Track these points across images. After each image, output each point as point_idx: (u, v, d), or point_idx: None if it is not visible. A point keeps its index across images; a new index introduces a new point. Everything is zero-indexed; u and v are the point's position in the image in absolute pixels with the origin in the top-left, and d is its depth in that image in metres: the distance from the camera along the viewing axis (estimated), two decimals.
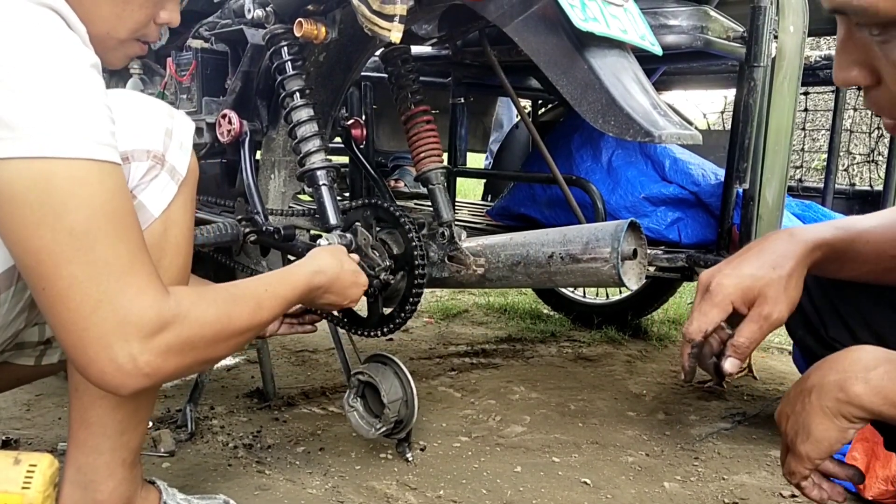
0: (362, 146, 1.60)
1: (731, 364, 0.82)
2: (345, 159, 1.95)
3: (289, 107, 1.28)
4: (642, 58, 1.15)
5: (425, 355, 2.20)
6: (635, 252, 1.13)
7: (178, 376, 0.85)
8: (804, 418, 0.72)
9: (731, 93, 2.63)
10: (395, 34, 1.07)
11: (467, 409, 1.76)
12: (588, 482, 1.38)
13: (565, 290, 2.70)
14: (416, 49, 1.63)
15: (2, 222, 0.71)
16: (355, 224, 1.32)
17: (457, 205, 2.21)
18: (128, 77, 1.60)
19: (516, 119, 2.67)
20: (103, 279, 0.71)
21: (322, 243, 1.25)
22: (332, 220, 1.29)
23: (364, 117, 1.79)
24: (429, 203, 1.41)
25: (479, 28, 1.43)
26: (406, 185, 2.53)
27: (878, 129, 2.84)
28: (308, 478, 1.36)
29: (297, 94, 1.28)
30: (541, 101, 2.28)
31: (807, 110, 2.43)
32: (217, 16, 1.42)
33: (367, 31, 1.10)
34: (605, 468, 1.45)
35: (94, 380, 0.74)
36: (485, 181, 2.67)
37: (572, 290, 2.71)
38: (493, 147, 2.81)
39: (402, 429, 1.40)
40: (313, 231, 1.46)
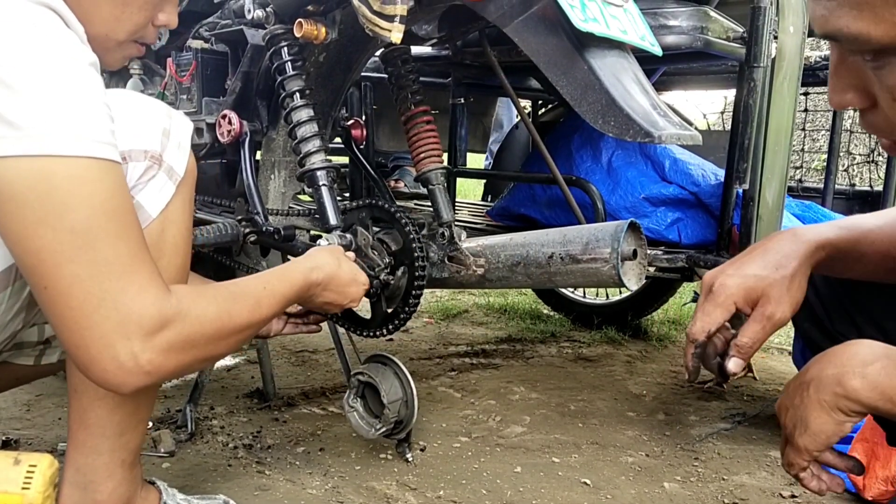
0: (362, 146, 1.60)
1: (734, 364, 0.84)
2: (345, 159, 1.95)
3: (289, 107, 1.28)
4: (642, 58, 1.15)
5: (425, 356, 2.20)
6: (635, 252, 1.13)
7: (179, 374, 0.85)
8: (802, 411, 0.72)
9: (731, 93, 2.63)
10: (396, 35, 1.07)
11: (467, 409, 1.76)
12: (588, 482, 1.38)
13: (565, 291, 2.70)
14: (416, 49, 1.63)
15: (2, 221, 0.71)
16: (354, 225, 1.33)
17: (457, 205, 2.21)
18: (128, 77, 1.60)
19: (516, 119, 2.67)
20: (104, 278, 0.72)
21: (322, 243, 1.25)
22: (332, 220, 1.30)
23: (364, 117, 1.79)
24: (429, 203, 1.41)
25: (479, 28, 1.43)
26: (406, 185, 2.53)
27: None
28: (308, 478, 1.36)
29: (297, 95, 1.28)
30: (541, 102, 2.28)
31: (807, 110, 2.43)
32: (217, 16, 1.42)
33: (367, 31, 1.10)
34: (605, 468, 1.45)
35: (95, 378, 0.74)
36: (485, 181, 2.67)
37: (572, 290, 2.71)
38: (493, 147, 2.81)
39: (401, 429, 1.40)
40: (313, 231, 1.46)
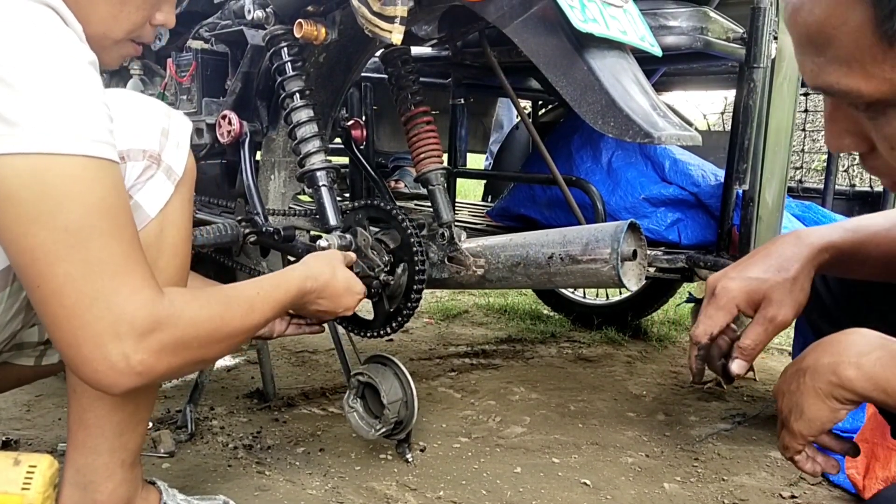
0: (362, 147, 1.60)
1: (737, 366, 0.85)
2: (345, 160, 1.95)
3: (289, 108, 1.28)
4: (642, 58, 1.15)
5: (425, 356, 2.20)
6: (635, 253, 1.13)
7: (172, 376, 0.85)
8: (798, 398, 0.73)
9: (731, 94, 2.63)
10: (396, 35, 1.07)
11: (467, 409, 1.76)
12: (588, 483, 1.38)
13: (565, 291, 2.70)
14: (416, 50, 1.64)
15: None
16: (354, 225, 1.33)
17: (457, 205, 2.22)
18: (128, 78, 1.60)
19: (516, 120, 2.67)
20: (97, 278, 0.71)
21: (322, 244, 1.25)
22: (332, 220, 1.30)
23: (364, 118, 1.79)
24: (429, 204, 1.41)
25: (479, 29, 1.43)
26: (406, 185, 2.53)
27: None
28: (308, 478, 1.36)
29: (297, 95, 1.28)
30: (541, 102, 2.28)
31: (807, 111, 2.43)
32: (217, 17, 1.43)
33: (367, 32, 1.10)
34: (604, 469, 1.45)
35: (87, 378, 0.74)
36: (485, 182, 2.68)
37: (572, 290, 2.71)
38: (493, 148, 2.81)
39: (401, 430, 1.40)
40: (313, 232, 1.46)
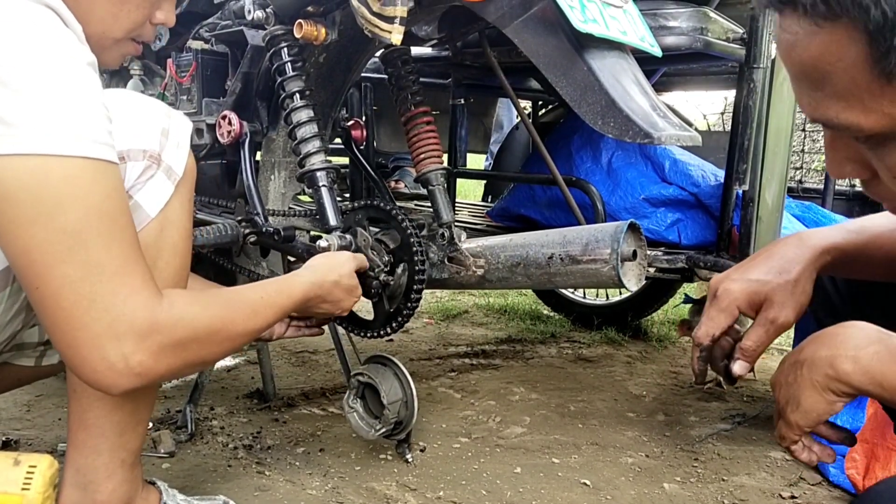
0: (362, 147, 1.60)
1: (739, 367, 0.86)
2: (345, 160, 1.95)
3: (289, 108, 1.29)
4: (642, 59, 1.15)
5: (425, 356, 2.20)
6: (635, 253, 1.13)
7: (171, 377, 0.85)
8: (795, 389, 0.74)
9: (731, 94, 2.63)
10: (396, 36, 1.08)
11: (467, 410, 1.76)
12: (588, 483, 1.39)
13: (565, 291, 2.70)
14: (416, 50, 1.64)
15: None
16: (354, 226, 1.33)
17: (457, 206, 2.22)
18: (128, 78, 1.60)
19: (516, 120, 2.67)
20: (96, 279, 0.71)
21: (322, 244, 1.25)
22: (332, 221, 1.30)
23: (364, 118, 1.79)
24: (429, 204, 1.41)
25: (479, 29, 1.43)
26: (406, 186, 2.53)
27: None
28: (308, 479, 1.36)
29: (297, 96, 1.28)
30: (541, 103, 2.28)
31: None
32: (217, 17, 1.43)
33: (367, 32, 1.10)
34: (604, 469, 1.45)
35: (86, 378, 0.74)
36: (485, 182, 2.67)
37: (572, 291, 2.71)
38: (493, 148, 2.81)
39: (401, 430, 1.40)
40: (313, 232, 1.46)
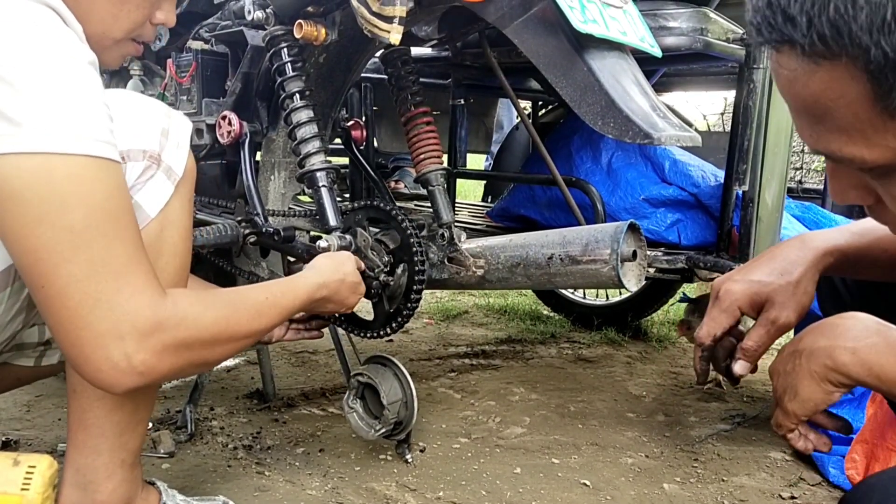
0: (362, 147, 1.60)
1: (740, 366, 0.87)
2: (345, 160, 1.95)
3: (289, 108, 1.29)
4: (642, 59, 1.15)
5: (425, 356, 2.20)
6: (635, 254, 1.13)
7: (174, 377, 0.85)
8: (793, 378, 0.74)
9: (731, 94, 2.63)
10: (395, 36, 1.08)
11: (467, 410, 1.76)
12: (587, 483, 1.38)
13: (565, 292, 2.70)
14: (416, 50, 1.64)
15: (0, 219, 0.71)
16: (354, 226, 1.33)
17: (456, 206, 2.22)
18: (128, 78, 1.60)
19: (516, 120, 2.67)
20: (100, 278, 0.72)
21: (322, 244, 1.25)
22: (332, 221, 1.30)
23: (364, 118, 1.79)
24: (429, 204, 1.41)
25: (479, 30, 1.43)
26: (406, 186, 2.53)
27: None
28: (307, 479, 1.36)
29: (297, 96, 1.28)
30: (541, 103, 2.28)
31: None
32: (217, 17, 1.43)
33: (366, 32, 1.10)
34: (604, 469, 1.45)
35: (89, 377, 0.74)
36: (485, 182, 2.68)
37: (572, 291, 2.71)
38: (493, 148, 2.81)
39: (401, 430, 1.40)
40: (313, 232, 1.46)
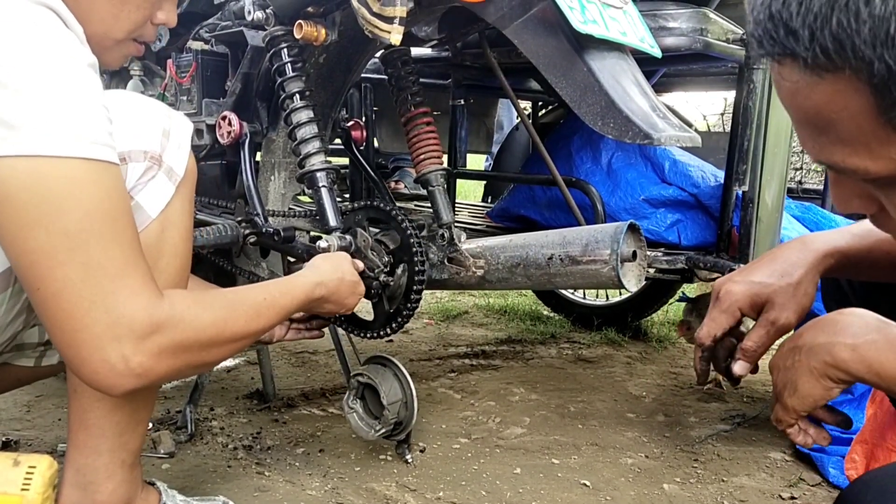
0: (362, 148, 1.61)
1: (740, 367, 0.87)
2: (345, 161, 1.95)
3: (289, 108, 1.29)
4: (642, 59, 1.15)
5: (425, 357, 2.20)
6: (635, 254, 1.13)
7: (171, 378, 0.85)
8: (793, 374, 0.75)
9: (731, 94, 2.63)
10: (395, 36, 1.08)
11: (467, 410, 1.76)
12: (587, 484, 1.39)
13: (565, 292, 2.70)
14: (416, 51, 1.64)
15: None
16: (354, 226, 1.33)
17: (456, 206, 2.22)
18: (128, 78, 1.60)
19: (516, 121, 2.67)
20: (96, 280, 0.72)
21: (322, 245, 1.25)
22: (332, 221, 1.30)
23: (364, 119, 1.79)
24: (429, 205, 1.41)
25: (479, 30, 1.43)
26: (406, 186, 2.53)
27: None
28: (307, 479, 1.36)
29: (297, 96, 1.28)
30: (541, 103, 2.28)
31: None
32: (217, 18, 1.43)
33: (367, 33, 1.10)
34: (604, 470, 1.45)
35: (86, 379, 0.74)
36: (485, 183, 2.67)
37: (572, 291, 2.71)
38: (494, 149, 2.81)
39: (401, 430, 1.40)
40: (313, 232, 1.46)
